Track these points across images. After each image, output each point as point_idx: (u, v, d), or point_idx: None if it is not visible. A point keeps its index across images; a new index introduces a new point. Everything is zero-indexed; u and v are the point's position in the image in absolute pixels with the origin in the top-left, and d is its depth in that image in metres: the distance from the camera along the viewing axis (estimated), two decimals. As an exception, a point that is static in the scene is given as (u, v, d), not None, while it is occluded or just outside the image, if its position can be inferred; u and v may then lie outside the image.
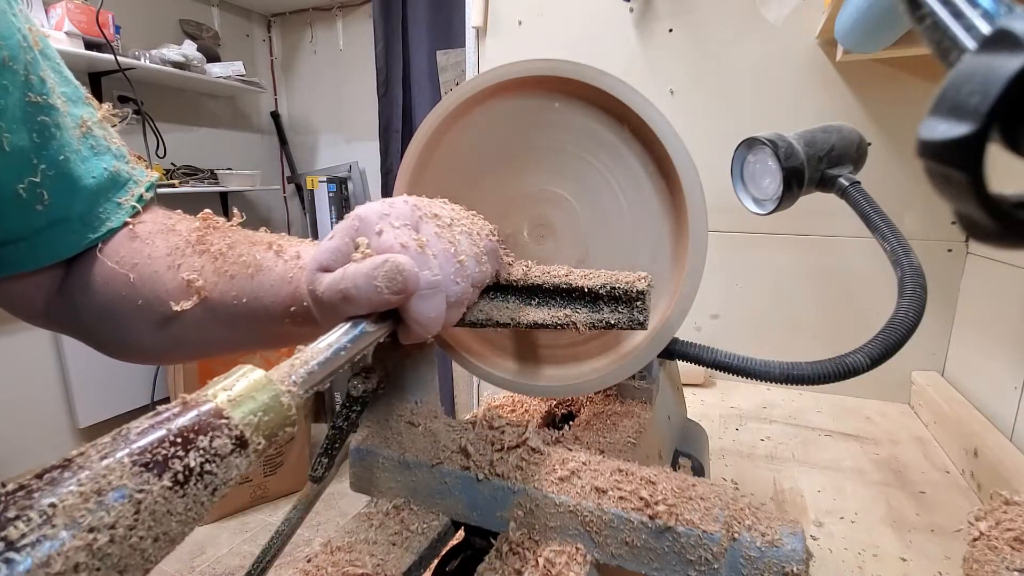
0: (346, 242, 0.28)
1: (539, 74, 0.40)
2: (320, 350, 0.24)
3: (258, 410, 0.19)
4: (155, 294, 0.36)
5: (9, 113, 0.31)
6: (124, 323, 0.37)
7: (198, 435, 0.17)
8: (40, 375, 1.85)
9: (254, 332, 0.37)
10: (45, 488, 0.14)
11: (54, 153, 0.33)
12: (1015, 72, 0.13)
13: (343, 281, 0.26)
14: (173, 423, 0.17)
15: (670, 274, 0.41)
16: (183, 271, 0.35)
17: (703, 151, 0.54)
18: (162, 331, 0.37)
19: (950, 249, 0.87)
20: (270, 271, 0.34)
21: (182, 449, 0.16)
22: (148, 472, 0.15)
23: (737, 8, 0.92)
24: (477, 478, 0.34)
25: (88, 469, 0.15)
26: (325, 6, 2.58)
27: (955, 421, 0.73)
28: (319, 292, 0.28)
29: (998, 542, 0.34)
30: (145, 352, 0.41)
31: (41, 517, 0.14)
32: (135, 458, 0.15)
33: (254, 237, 0.37)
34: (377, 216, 0.29)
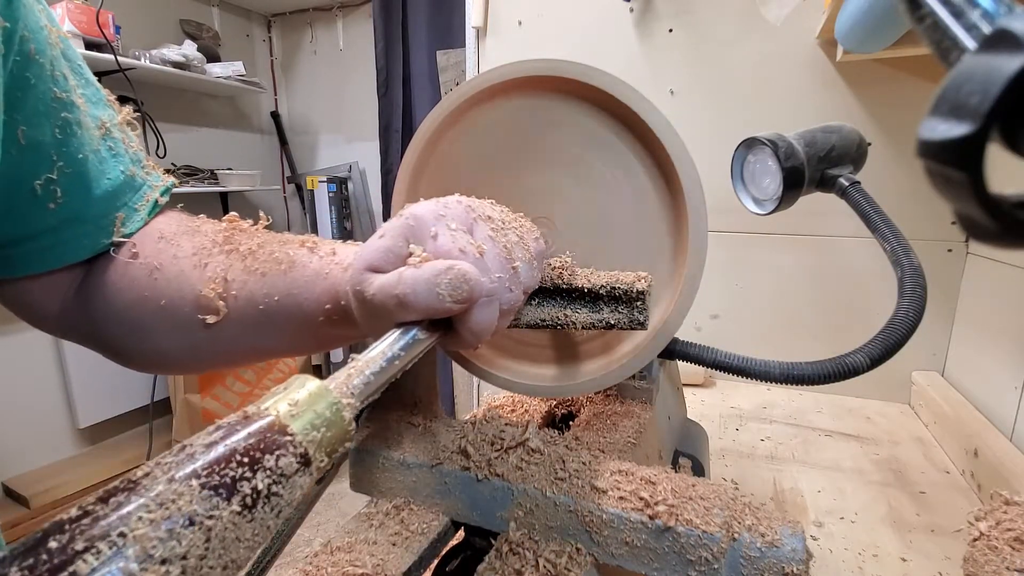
0: (399, 243, 0.27)
1: (539, 74, 0.40)
2: (374, 359, 0.23)
3: (320, 424, 0.18)
4: (180, 294, 0.34)
5: (30, 106, 0.30)
6: (145, 327, 0.35)
7: (264, 454, 0.16)
8: (40, 375, 1.85)
9: (286, 334, 0.35)
10: (112, 515, 0.13)
11: (73, 151, 0.32)
12: (1015, 72, 0.13)
13: (400, 285, 0.25)
14: (238, 440, 0.16)
15: (670, 274, 0.41)
16: (210, 270, 0.34)
17: (703, 151, 0.54)
18: (187, 336, 0.35)
19: (950, 249, 0.87)
20: (304, 267, 0.33)
21: (249, 470, 0.15)
22: (217, 496, 0.14)
23: (737, 8, 0.92)
24: (477, 478, 0.34)
25: (155, 492, 0.14)
26: (325, 6, 2.58)
27: (955, 421, 0.73)
28: (369, 294, 0.26)
29: (998, 542, 0.34)
30: (166, 359, 0.38)
31: (111, 549, 0.13)
32: (203, 480, 0.14)
33: (284, 237, 0.36)
34: (433, 217, 0.27)
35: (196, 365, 0.39)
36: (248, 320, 0.34)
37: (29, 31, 0.30)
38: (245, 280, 0.33)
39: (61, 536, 0.12)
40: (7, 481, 1.78)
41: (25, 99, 0.30)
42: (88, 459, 1.95)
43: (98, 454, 1.99)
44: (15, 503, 1.75)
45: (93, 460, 1.95)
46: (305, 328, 0.33)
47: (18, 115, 0.30)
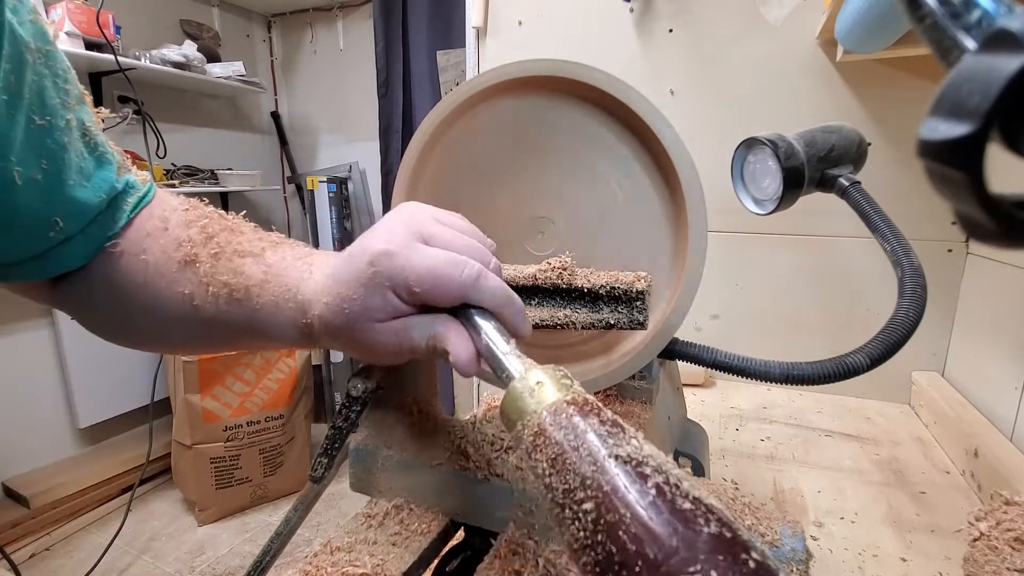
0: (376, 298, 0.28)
1: (539, 74, 0.40)
2: (499, 341, 0.27)
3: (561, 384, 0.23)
4: (155, 298, 0.35)
5: (19, 144, 0.29)
6: (128, 318, 0.36)
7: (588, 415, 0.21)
8: (40, 375, 1.85)
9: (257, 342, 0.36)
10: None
11: (64, 179, 0.32)
12: (1015, 72, 0.13)
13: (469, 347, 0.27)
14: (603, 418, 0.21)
15: (670, 274, 0.41)
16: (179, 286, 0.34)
17: (703, 151, 0.54)
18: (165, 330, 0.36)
19: (950, 249, 0.87)
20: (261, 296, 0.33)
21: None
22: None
23: (737, 8, 0.92)
24: (477, 478, 0.34)
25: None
26: (325, 6, 2.58)
27: (955, 421, 0.73)
28: (399, 348, 0.29)
29: (998, 542, 0.34)
30: (150, 344, 0.40)
31: None
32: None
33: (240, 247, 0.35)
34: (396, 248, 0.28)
35: (183, 351, 0.41)
36: (215, 330, 0.35)
37: (9, 62, 0.28)
38: (207, 299, 0.34)
39: None
40: (7, 481, 1.78)
41: (13, 138, 0.28)
42: (88, 459, 1.95)
43: (98, 454, 1.99)
44: (15, 503, 1.75)
45: (93, 460, 1.95)
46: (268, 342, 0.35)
47: (12, 156, 0.28)
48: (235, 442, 1.83)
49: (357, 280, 0.28)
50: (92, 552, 1.69)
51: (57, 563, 1.69)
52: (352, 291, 0.28)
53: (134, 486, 1.80)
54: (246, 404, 1.84)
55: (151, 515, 1.93)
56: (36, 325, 1.81)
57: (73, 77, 0.33)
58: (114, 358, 1.99)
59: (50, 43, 0.31)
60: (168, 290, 0.34)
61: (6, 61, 0.27)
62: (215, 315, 0.34)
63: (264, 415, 1.88)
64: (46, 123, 0.30)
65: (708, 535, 0.15)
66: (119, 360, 2.01)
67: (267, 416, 1.88)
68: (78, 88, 0.33)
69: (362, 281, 0.28)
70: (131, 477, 1.93)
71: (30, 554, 1.71)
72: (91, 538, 1.80)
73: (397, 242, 0.28)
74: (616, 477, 0.17)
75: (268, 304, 0.32)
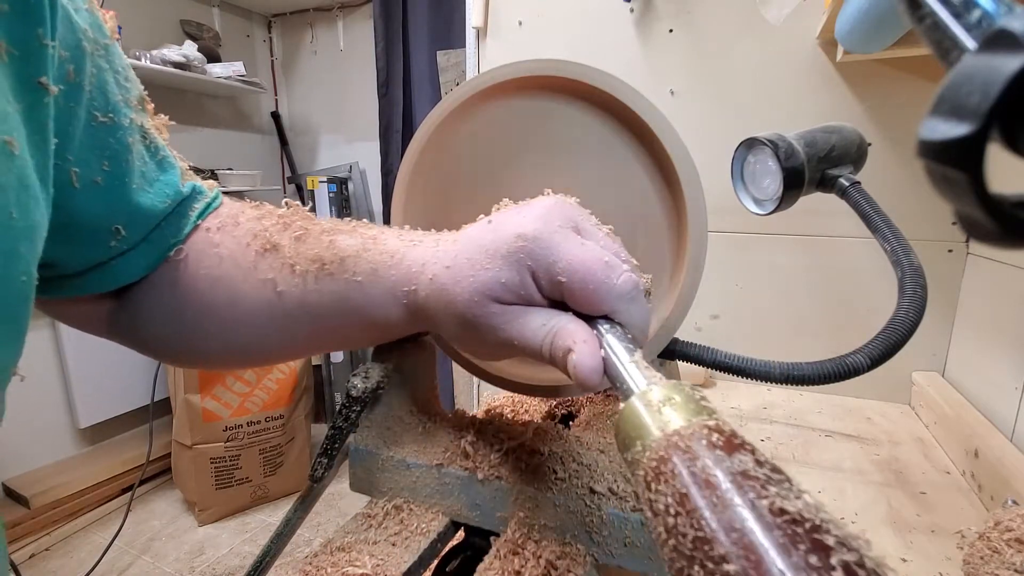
0: (514, 277, 0.25)
1: (539, 74, 0.40)
2: (624, 354, 0.23)
3: (698, 407, 0.18)
4: (226, 296, 0.32)
5: (77, 141, 0.26)
6: (189, 328, 0.33)
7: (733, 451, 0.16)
8: (40, 375, 1.85)
9: (337, 334, 0.33)
10: None
11: (128, 183, 0.29)
12: (1015, 72, 0.13)
13: (592, 353, 0.24)
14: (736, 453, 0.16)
15: (670, 274, 0.41)
16: (259, 273, 0.31)
17: (703, 151, 0.54)
18: (231, 336, 0.33)
19: (950, 249, 0.87)
20: (361, 267, 0.30)
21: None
22: None
23: (737, 8, 0.92)
24: (477, 478, 0.34)
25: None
26: (325, 6, 2.58)
27: (956, 422, 0.73)
28: (510, 336, 0.26)
29: (998, 542, 0.34)
30: (208, 358, 0.36)
31: None
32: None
33: (328, 226, 0.32)
34: (549, 232, 0.25)
35: (247, 363, 0.37)
36: (299, 320, 0.32)
37: (66, 49, 0.25)
38: (292, 282, 0.31)
39: None
40: (7, 481, 1.78)
41: (72, 134, 0.26)
42: (88, 459, 1.95)
43: (98, 454, 1.99)
44: (15, 503, 1.75)
45: (93, 460, 1.95)
46: (359, 328, 0.32)
47: (69, 155, 0.26)
48: (235, 442, 1.83)
49: (496, 250, 0.25)
50: (92, 552, 1.69)
51: (57, 563, 1.69)
52: (486, 258, 0.25)
53: (134, 486, 1.80)
54: (246, 404, 1.84)
55: (151, 515, 1.93)
56: (36, 325, 1.81)
57: (133, 76, 0.31)
58: (114, 358, 1.99)
59: (108, 37, 0.29)
60: (246, 281, 0.31)
61: (63, 48, 0.24)
62: (301, 298, 0.30)
63: (264, 415, 1.88)
64: (108, 120, 0.28)
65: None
66: (119, 360, 2.01)
67: (267, 416, 1.88)
68: (139, 88, 0.31)
69: (502, 252, 0.25)
70: (131, 477, 1.93)
71: (30, 554, 1.71)
72: (91, 538, 1.80)
73: (552, 226, 0.25)
74: (781, 540, 0.13)
75: (366, 272, 0.29)
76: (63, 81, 0.25)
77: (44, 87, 0.23)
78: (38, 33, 0.23)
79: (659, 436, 0.17)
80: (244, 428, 1.84)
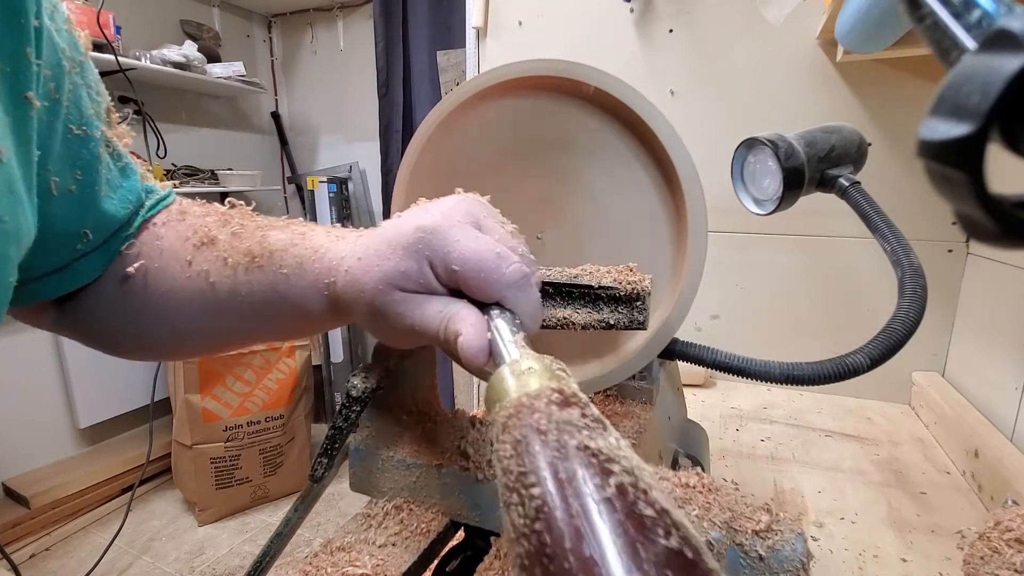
0: (412, 266, 0.27)
1: (539, 74, 0.40)
2: (506, 332, 0.25)
3: (551, 375, 0.21)
4: (170, 288, 0.34)
5: (55, 153, 0.28)
6: (137, 320, 0.35)
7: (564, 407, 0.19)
8: (40, 375, 1.85)
9: (271, 324, 0.35)
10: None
11: (97, 191, 0.31)
12: (1015, 72, 0.13)
13: (477, 336, 0.26)
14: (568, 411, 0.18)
15: (670, 274, 0.41)
16: (195, 265, 0.33)
17: (703, 151, 0.54)
18: (176, 327, 0.35)
19: (950, 250, 0.87)
20: (286, 259, 0.32)
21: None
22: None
23: (737, 8, 0.92)
24: (477, 478, 0.34)
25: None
26: (325, 6, 2.58)
27: (956, 422, 0.73)
28: (412, 322, 0.27)
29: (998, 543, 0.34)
30: (155, 349, 0.39)
31: None
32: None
33: (265, 223, 0.35)
34: (448, 225, 0.27)
35: (186, 353, 0.40)
36: (231, 310, 0.34)
37: (49, 68, 0.27)
38: (224, 273, 0.33)
39: None
40: (7, 481, 1.78)
41: (52, 147, 0.28)
42: (88, 459, 1.95)
43: (98, 454, 1.99)
44: (15, 503, 1.75)
45: (93, 460, 1.95)
46: (289, 319, 0.34)
47: (50, 165, 0.28)
48: (235, 442, 1.83)
49: (398, 242, 0.27)
50: (92, 552, 1.69)
51: (57, 563, 1.69)
52: (390, 250, 0.27)
53: (134, 486, 1.80)
54: (246, 404, 1.84)
55: (151, 515, 1.93)
56: (36, 325, 1.81)
57: (103, 89, 0.33)
58: (114, 358, 1.99)
59: (82, 54, 0.31)
60: (183, 272, 0.33)
61: (47, 67, 0.26)
62: (233, 289, 0.32)
63: (264, 415, 1.88)
64: (82, 133, 0.30)
65: (664, 547, 0.13)
66: (119, 360, 1.99)
67: (267, 416, 1.88)
68: (107, 100, 0.33)
69: (403, 243, 0.27)
70: (131, 477, 1.93)
71: (30, 554, 1.71)
72: (91, 538, 1.80)
73: (451, 220, 0.27)
74: (575, 466, 0.15)
75: (292, 265, 0.31)
76: (46, 98, 0.27)
77: (29, 102, 0.25)
78: (27, 52, 0.24)
79: (514, 398, 0.19)
80: (244, 428, 1.84)
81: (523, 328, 0.26)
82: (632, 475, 0.15)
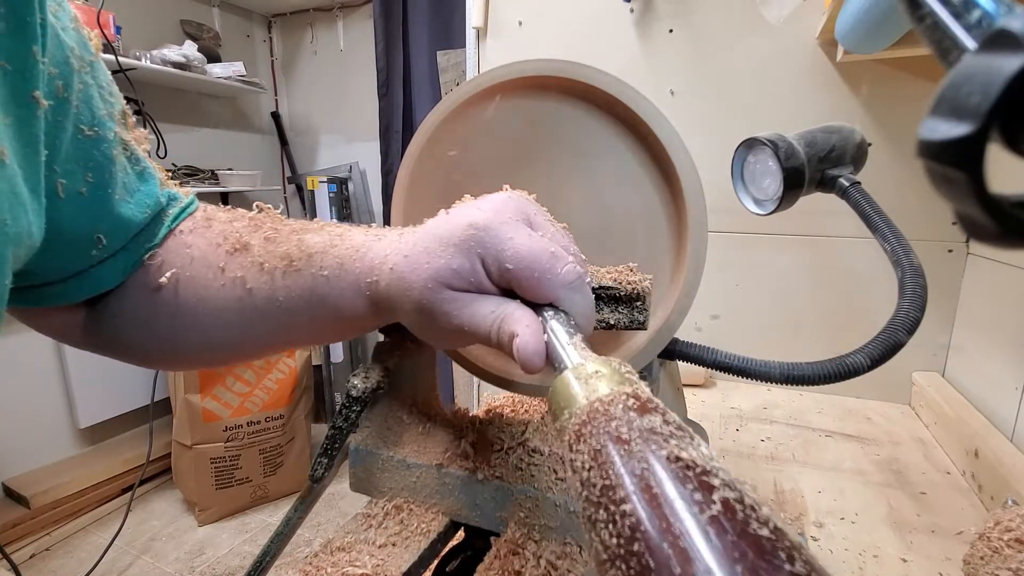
0: (465, 264, 0.26)
1: (539, 74, 0.40)
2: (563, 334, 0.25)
3: (633, 377, 0.20)
4: (197, 297, 0.33)
5: (64, 153, 0.27)
6: (165, 330, 0.34)
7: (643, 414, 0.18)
8: (40, 376, 1.85)
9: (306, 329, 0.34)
10: None
11: (111, 194, 0.30)
12: (1015, 72, 0.13)
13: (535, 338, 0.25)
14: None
15: (670, 274, 0.41)
16: (228, 272, 0.32)
17: (703, 151, 0.54)
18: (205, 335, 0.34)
19: (951, 250, 0.87)
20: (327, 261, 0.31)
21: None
22: None
23: (737, 8, 0.92)
24: (477, 478, 0.34)
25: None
26: (326, 7, 2.58)
27: (956, 422, 0.73)
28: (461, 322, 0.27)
29: (998, 542, 0.34)
30: (185, 359, 0.37)
31: None
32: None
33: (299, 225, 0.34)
34: (499, 222, 0.26)
35: (218, 361, 0.38)
36: (268, 316, 0.33)
37: (56, 66, 0.26)
38: (261, 279, 0.32)
39: None
40: (7, 481, 1.78)
41: (59, 147, 0.27)
42: (88, 459, 1.95)
43: (98, 454, 1.99)
44: (15, 503, 1.75)
45: (93, 460, 1.95)
46: (328, 322, 0.33)
47: (56, 167, 0.27)
48: (235, 442, 1.83)
49: (450, 238, 0.26)
50: (92, 552, 1.69)
51: (57, 563, 1.69)
52: (440, 247, 0.26)
53: (134, 486, 1.80)
54: (246, 404, 1.84)
55: (151, 515, 1.93)
56: (36, 325, 1.81)
57: (116, 91, 0.32)
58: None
59: (93, 54, 0.30)
60: (216, 280, 0.32)
61: (52, 64, 0.26)
62: (271, 294, 0.31)
63: (264, 415, 1.88)
64: (94, 134, 0.29)
65: (790, 574, 0.11)
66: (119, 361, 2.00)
67: (267, 416, 1.88)
68: (121, 102, 0.32)
69: (454, 240, 0.26)
70: (131, 477, 1.93)
71: (30, 554, 1.71)
72: (91, 538, 1.80)
73: (503, 217, 0.26)
74: (669, 479, 0.14)
75: (333, 266, 0.30)
76: (53, 96, 0.26)
77: (36, 101, 0.24)
78: (33, 50, 0.24)
79: (584, 403, 0.18)
80: (244, 428, 1.84)
81: (579, 330, 0.25)
82: (735, 490, 0.14)
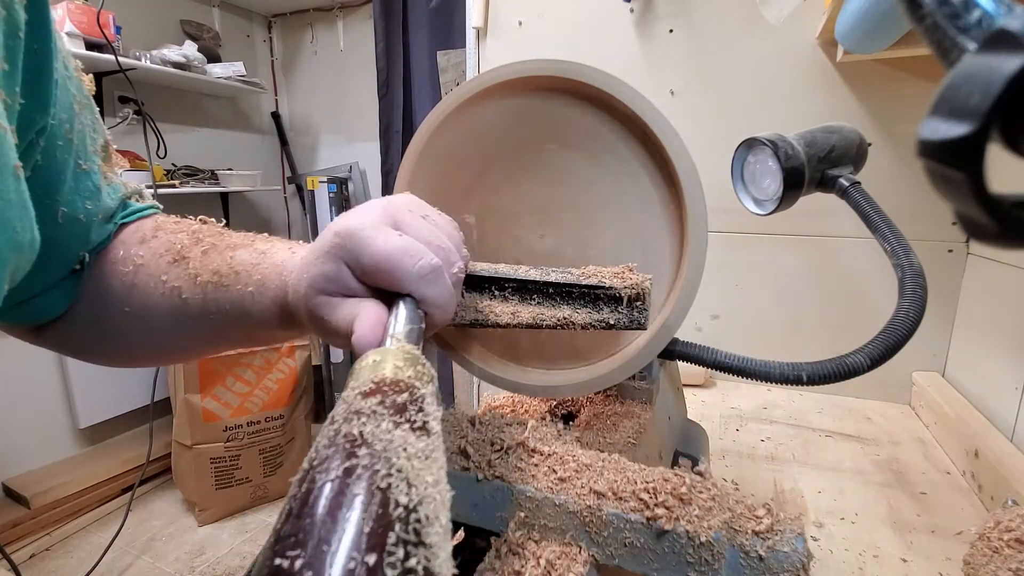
0: (332, 268, 0.28)
1: (539, 74, 0.40)
2: (401, 323, 0.27)
3: (408, 365, 0.23)
4: (143, 301, 0.36)
5: (66, 185, 0.32)
6: (116, 330, 0.38)
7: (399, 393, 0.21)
8: (40, 376, 1.85)
9: (237, 335, 0.37)
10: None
11: (99, 220, 0.34)
12: (1015, 72, 0.13)
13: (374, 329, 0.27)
14: (392, 398, 0.20)
15: (670, 274, 0.41)
16: (168, 282, 0.36)
17: (703, 151, 0.54)
18: (151, 337, 0.38)
19: (951, 250, 0.87)
20: (248, 276, 0.34)
21: (414, 408, 0.20)
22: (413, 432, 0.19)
23: (737, 8, 0.92)
24: (477, 478, 0.34)
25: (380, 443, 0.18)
26: (326, 7, 2.58)
27: (956, 422, 0.73)
28: (333, 322, 0.28)
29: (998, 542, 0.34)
30: (136, 358, 0.41)
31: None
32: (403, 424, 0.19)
33: (231, 241, 0.37)
34: (359, 226, 0.28)
35: (166, 361, 0.43)
36: (202, 324, 0.36)
37: (64, 112, 0.31)
38: (195, 291, 0.35)
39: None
40: (7, 481, 1.78)
41: (64, 180, 0.31)
42: (88, 459, 1.95)
43: (98, 454, 1.99)
44: (15, 503, 1.75)
45: (93, 460, 1.95)
46: (255, 332, 0.36)
47: (59, 197, 0.31)
48: (235, 442, 1.83)
49: (321, 247, 0.29)
50: (92, 552, 1.69)
51: (57, 563, 1.69)
52: (315, 256, 0.29)
53: (134, 486, 1.80)
54: (246, 404, 1.84)
55: (151, 515, 1.93)
56: (36, 325, 1.81)
57: (102, 127, 0.36)
58: (114, 358, 1.99)
59: (87, 96, 0.34)
60: (157, 289, 0.35)
61: (63, 111, 0.30)
62: (203, 306, 0.34)
63: (264, 415, 1.88)
64: (87, 167, 0.33)
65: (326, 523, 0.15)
66: (119, 360, 2.01)
67: (267, 416, 1.88)
68: (104, 136, 0.37)
69: (324, 248, 0.29)
70: (131, 477, 1.93)
71: (30, 554, 1.70)
72: (91, 538, 1.80)
73: (366, 222, 0.28)
74: (327, 452, 0.18)
75: (256, 283, 0.33)
76: (62, 138, 0.30)
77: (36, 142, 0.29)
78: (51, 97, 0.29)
79: (353, 382, 0.21)
80: (244, 428, 1.84)
81: (431, 319, 0.28)
82: (376, 456, 0.17)
